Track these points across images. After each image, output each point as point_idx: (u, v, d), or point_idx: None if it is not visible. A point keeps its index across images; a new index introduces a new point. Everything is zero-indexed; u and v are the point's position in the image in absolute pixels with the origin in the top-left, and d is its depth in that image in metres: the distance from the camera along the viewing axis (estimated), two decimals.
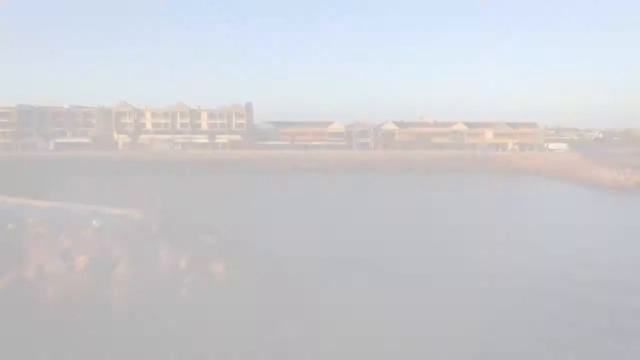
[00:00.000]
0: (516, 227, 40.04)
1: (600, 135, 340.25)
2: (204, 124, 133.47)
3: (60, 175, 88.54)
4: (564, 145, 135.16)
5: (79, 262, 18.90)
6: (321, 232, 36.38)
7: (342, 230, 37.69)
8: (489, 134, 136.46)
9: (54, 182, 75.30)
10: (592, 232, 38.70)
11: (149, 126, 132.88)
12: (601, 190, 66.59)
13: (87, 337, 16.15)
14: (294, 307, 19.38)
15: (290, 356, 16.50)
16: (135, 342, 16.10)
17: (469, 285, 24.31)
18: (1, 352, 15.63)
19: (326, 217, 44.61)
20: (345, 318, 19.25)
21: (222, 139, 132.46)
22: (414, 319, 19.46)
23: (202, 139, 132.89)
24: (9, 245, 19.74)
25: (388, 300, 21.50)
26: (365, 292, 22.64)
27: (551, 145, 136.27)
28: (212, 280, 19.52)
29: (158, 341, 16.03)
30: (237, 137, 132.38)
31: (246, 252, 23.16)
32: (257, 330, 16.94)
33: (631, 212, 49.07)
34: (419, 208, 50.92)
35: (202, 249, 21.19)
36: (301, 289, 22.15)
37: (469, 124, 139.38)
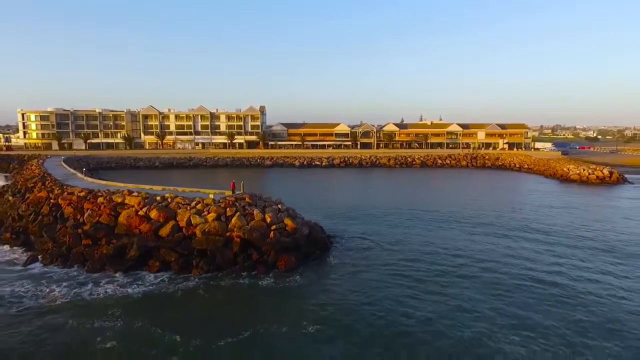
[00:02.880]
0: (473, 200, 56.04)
1: (594, 134, 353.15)
2: (223, 125, 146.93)
3: (135, 169, 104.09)
4: (549, 144, 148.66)
5: (209, 217, 32.17)
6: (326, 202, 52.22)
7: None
8: (481, 134, 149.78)
9: (137, 174, 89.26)
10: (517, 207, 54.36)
11: (172, 128, 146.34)
12: (564, 183, 79.98)
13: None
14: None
15: None
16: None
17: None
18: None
19: (334, 196, 59.52)
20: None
21: (239, 139, 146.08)
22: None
23: (221, 139, 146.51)
24: (164, 206, 33.27)
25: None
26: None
27: (538, 144, 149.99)
28: (285, 228, 33.03)
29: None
30: (252, 137, 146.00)
31: (297, 214, 36.77)
32: None
33: (557, 196, 64.15)
34: (402, 192, 64.54)
35: (277, 210, 34.61)
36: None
37: (463, 125, 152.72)
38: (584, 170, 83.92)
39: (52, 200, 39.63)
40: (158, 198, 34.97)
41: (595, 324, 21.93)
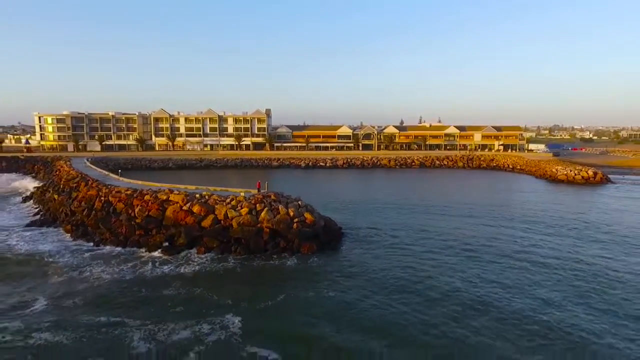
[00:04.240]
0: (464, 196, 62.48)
1: (589, 135, 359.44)
2: (230, 128, 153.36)
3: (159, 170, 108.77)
4: (541, 146, 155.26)
5: (242, 211, 38.67)
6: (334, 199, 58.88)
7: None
8: (477, 136, 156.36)
9: (153, 174, 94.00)
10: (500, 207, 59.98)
11: (182, 130, 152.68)
12: (552, 183, 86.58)
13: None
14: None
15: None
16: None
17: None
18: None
19: (341, 194, 66.11)
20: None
21: (246, 141, 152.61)
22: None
23: (229, 141, 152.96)
24: (204, 202, 39.93)
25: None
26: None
27: (531, 146, 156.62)
28: (305, 221, 39.60)
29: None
30: (259, 139, 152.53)
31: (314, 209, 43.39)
32: None
33: (542, 194, 71.11)
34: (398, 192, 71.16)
35: (298, 206, 41.20)
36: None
37: (460, 127, 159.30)
38: (570, 171, 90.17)
39: (102, 198, 46.18)
40: (197, 196, 41.58)
41: (549, 285, 28.99)
